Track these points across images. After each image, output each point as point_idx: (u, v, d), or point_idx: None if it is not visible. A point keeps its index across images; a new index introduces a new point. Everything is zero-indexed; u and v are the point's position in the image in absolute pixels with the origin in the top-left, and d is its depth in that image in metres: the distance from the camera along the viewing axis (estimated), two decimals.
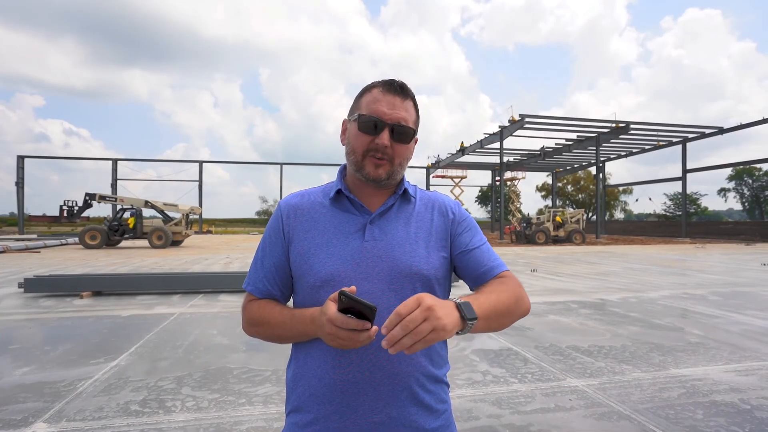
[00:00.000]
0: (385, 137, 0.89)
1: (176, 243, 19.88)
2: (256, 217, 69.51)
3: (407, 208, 0.97)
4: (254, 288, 0.97)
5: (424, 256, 0.92)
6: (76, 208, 20.67)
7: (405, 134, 0.91)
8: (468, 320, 0.75)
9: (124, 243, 20.72)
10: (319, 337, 0.82)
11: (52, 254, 15.29)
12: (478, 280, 0.95)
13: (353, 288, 0.75)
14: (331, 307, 0.75)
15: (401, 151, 0.92)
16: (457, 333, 0.76)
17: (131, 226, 18.85)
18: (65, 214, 20.88)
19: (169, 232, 18.75)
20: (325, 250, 0.90)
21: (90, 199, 19.96)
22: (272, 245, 0.96)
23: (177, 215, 20.27)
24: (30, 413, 2.65)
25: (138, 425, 2.51)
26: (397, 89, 0.92)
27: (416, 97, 0.97)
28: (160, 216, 20.24)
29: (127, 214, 19.34)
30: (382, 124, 0.89)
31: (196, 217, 22.04)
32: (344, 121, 0.99)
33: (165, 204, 20.32)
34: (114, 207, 19.34)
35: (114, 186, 35.98)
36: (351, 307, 0.73)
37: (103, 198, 19.93)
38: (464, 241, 0.97)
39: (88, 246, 17.76)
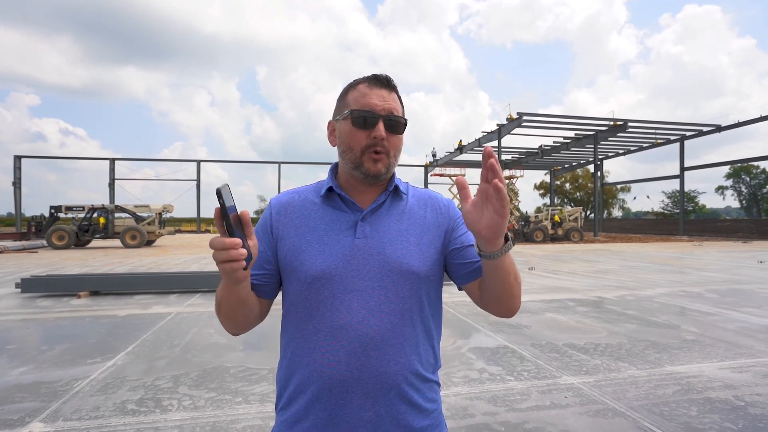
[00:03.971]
0: (381, 129, 0.89)
1: (149, 243, 19.79)
2: (255, 216, 69.53)
3: (399, 204, 0.97)
4: None
5: (416, 253, 0.92)
6: (44, 222, 20.57)
7: (398, 125, 0.92)
8: (507, 241, 0.81)
9: (96, 243, 20.72)
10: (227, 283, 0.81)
11: (50, 254, 15.26)
12: (472, 274, 0.95)
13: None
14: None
15: (395, 143, 0.93)
16: (492, 255, 0.81)
17: (101, 225, 18.86)
18: (33, 230, 20.93)
19: (144, 231, 18.71)
20: (316, 247, 0.90)
21: (56, 212, 19.80)
22: (261, 239, 0.95)
23: (149, 214, 20.18)
24: (26, 413, 2.66)
25: (134, 424, 2.51)
26: (383, 82, 0.92)
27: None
28: (132, 217, 20.20)
29: (96, 214, 19.33)
30: (376, 117, 0.89)
31: (170, 215, 21.97)
32: (330, 123, 0.98)
33: (136, 206, 20.32)
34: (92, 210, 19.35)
35: (111, 186, 35.88)
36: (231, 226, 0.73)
37: (69, 209, 19.79)
38: (459, 238, 0.97)
39: (55, 247, 17.72)
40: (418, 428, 0.89)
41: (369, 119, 0.89)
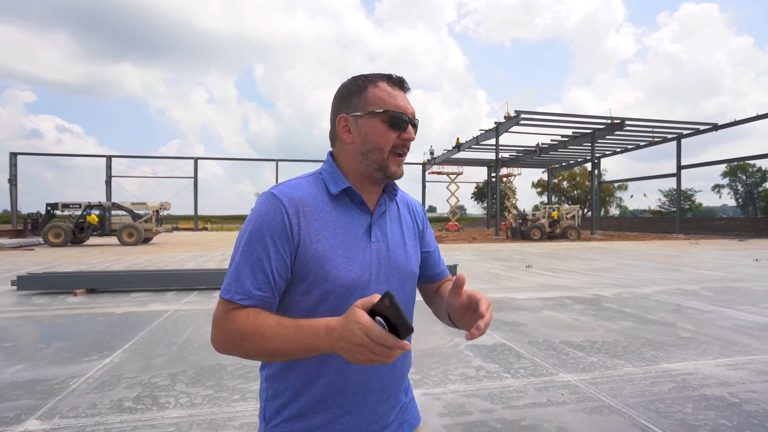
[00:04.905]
0: (412, 132, 0.91)
1: (146, 240, 19.76)
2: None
3: (393, 208, 1.00)
4: (244, 296, 0.80)
5: (414, 255, 0.99)
6: (40, 220, 20.49)
7: (417, 128, 0.95)
8: None
9: (92, 241, 20.65)
10: (336, 351, 0.71)
11: (46, 252, 15.20)
12: (432, 279, 1.06)
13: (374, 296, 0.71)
14: (363, 316, 0.67)
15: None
16: (460, 328, 0.90)
17: (97, 223, 18.86)
18: (30, 228, 20.87)
19: (141, 229, 18.67)
20: (341, 253, 0.85)
21: (52, 209, 19.74)
22: (276, 245, 0.83)
23: (146, 212, 20.17)
24: (23, 410, 2.65)
25: (131, 422, 2.51)
26: (404, 83, 0.93)
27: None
28: (129, 214, 20.18)
29: (89, 212, 19.27)
30: (408, 119, 0.90)
31: (167, 212, 21.96)
32: (344, 117, 0.90)
33: (133, 204, 20.32)
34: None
35: (108, 183, 35.74)
36: (381, 314, 0.67)
37: (66, 206, 19.71)
38: (427, 242, 1.07)
39: (52, 244, 17.65)
40: (407, 401, 1.01)
41: (403, 122, 0.89)
